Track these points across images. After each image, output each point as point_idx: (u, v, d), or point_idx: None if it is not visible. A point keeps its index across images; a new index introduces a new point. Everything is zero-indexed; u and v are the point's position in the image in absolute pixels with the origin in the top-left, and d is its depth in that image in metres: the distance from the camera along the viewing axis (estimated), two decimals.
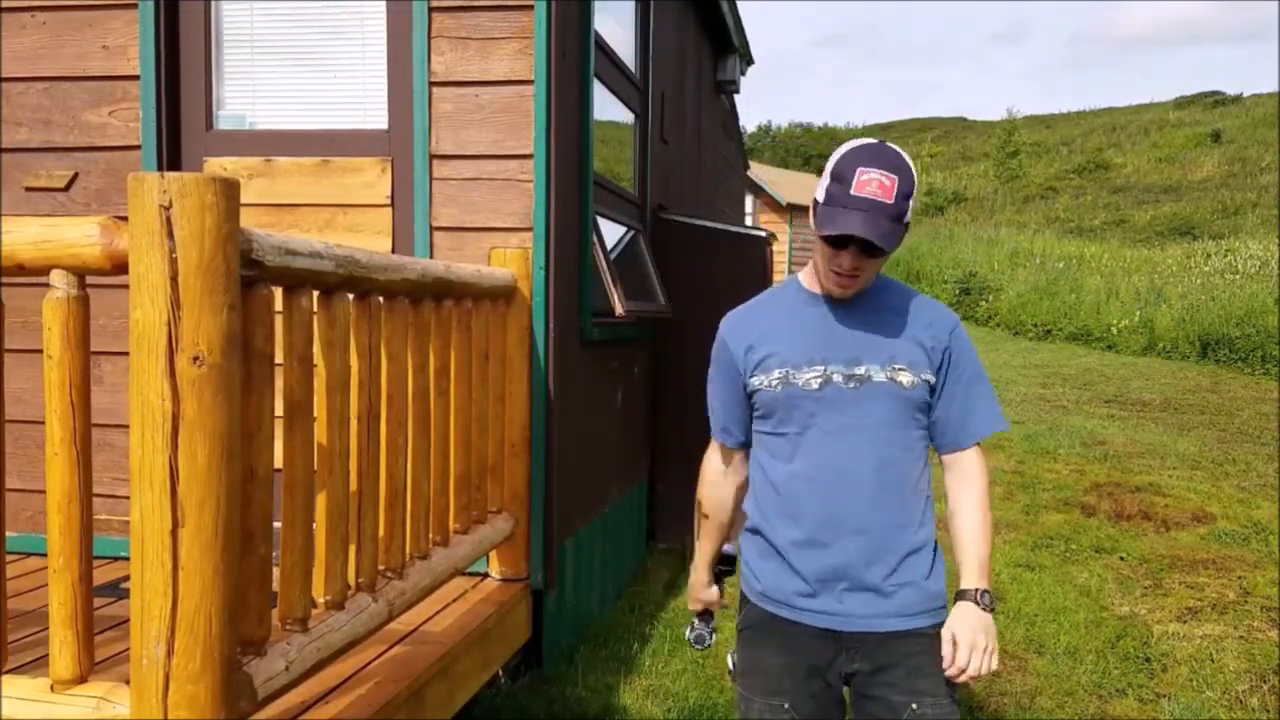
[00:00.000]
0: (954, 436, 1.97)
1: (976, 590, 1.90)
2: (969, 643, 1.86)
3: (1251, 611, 4.59)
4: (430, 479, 2.79)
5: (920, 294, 2.05)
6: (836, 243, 1.84)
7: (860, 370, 1.91)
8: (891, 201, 1.79)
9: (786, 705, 1.97)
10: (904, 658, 1.91)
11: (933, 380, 1.93)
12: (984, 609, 1.88)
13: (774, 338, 1.98)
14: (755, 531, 2.04)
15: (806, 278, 2.02)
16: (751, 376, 1.99)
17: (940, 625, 1.94)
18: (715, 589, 2.25)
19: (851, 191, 1.80)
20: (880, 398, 1.90)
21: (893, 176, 1.80)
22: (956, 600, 1.91)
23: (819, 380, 1.92)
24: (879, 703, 1.93)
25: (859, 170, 1.81)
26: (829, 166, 1.88)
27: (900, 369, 1.90)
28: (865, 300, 1.97)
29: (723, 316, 2.13)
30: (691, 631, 2.26)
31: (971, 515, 1.95)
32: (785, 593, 1.96)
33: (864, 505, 1.90)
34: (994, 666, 1.87)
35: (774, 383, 1.95)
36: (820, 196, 1.87)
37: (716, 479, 2.18)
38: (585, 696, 3.53)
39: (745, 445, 2.12)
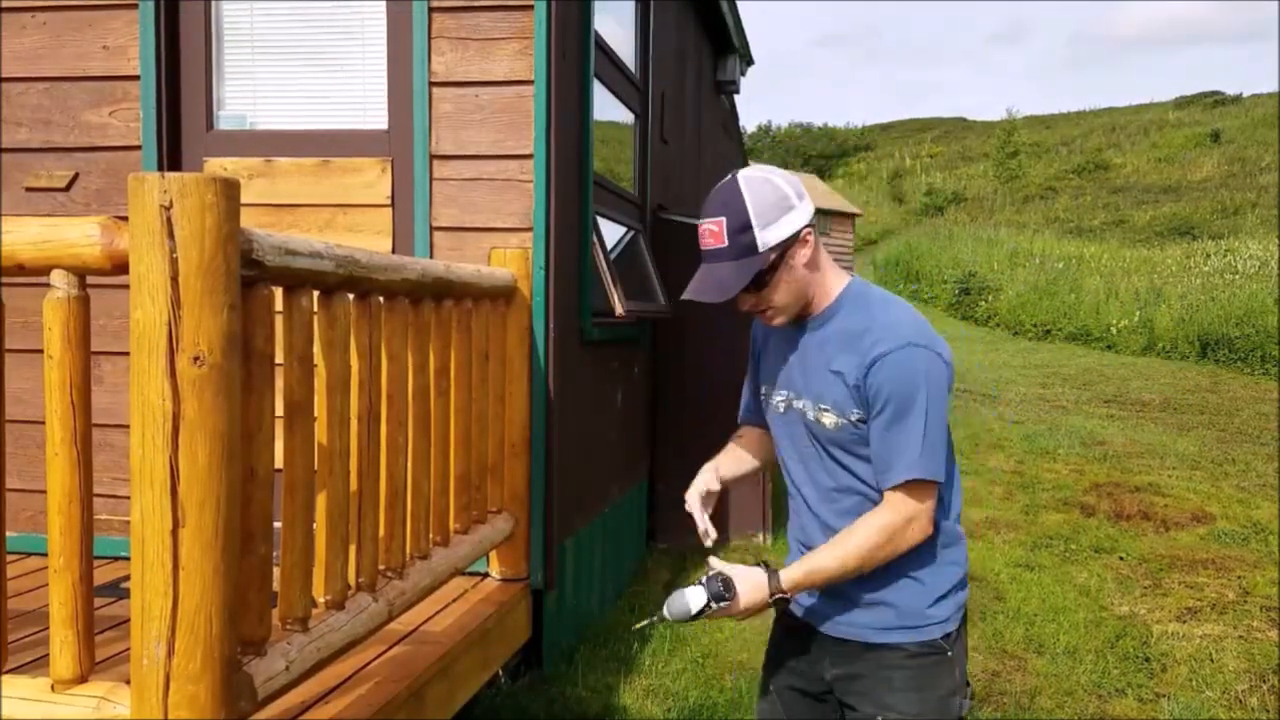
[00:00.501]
0: (877, 477, 1.85)
1: (781, 585, 1.81)
2: (736, 610, 1.82)
3: (1251, 611, 4.59)
4: (430, 479, 2.79)
5: (879, 311, 1.86)
6: None
7: (799, 404, 1.91)
8: (725, 244, 1.77)
9: (771, 688, 2.07)
10: (876, 669, 1.89)
11: (862, 417, 1.82)
12: (768, 596, 1.81)
13: (766, 352, 2.04)
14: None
15: None
16: (761, 383, 2.07)
17: (924, 643, 1.87)
18: (711, 482, 2.08)
19: (700, 247, 1.82)
20: (814, 434, 1.90)
21: (719, 219, 1.77)
22: (765, 570, 1.84)
23: (783, 405, 1.96)
24: (851, 711, 1.93)
25: (700, 225, 1.82)
26: None
27: (824, 409, 1.85)
28: (819, 324, 1.89)
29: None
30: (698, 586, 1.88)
31: (842, 534, 1.83)
32: None
33: (825, 528, 1.90)
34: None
35: (763, 397, 2.03)
36: None
37: (751, 429, 2.18)
38: (585, 696, 3.53)
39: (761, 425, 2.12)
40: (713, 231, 1.79)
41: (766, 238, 1.77)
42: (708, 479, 2.10)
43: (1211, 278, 17.33)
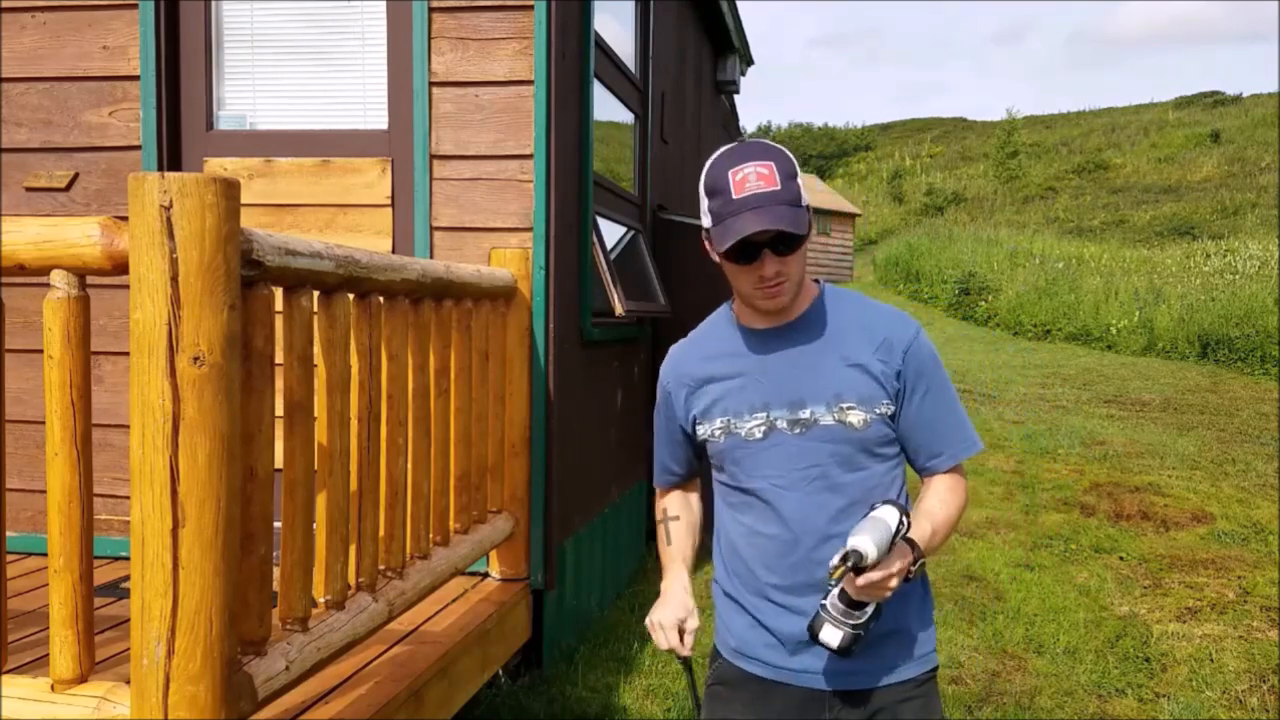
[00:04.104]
0: (926, 463, 1.78)
1: (920, 548, 1.65)
2: (898, 569, 1.59)
3: (1251, 611, 4.59)
4: (430, 479, 2.79)
5: (872, 303, 1.82)
6: (744, 254, 1.65)
7: (805, 414, 1.71)
8: (779, 187, 1.62)
9: None
10: (885, 708, 1.76)
11: (890, 410, 1.72)
12: (910, 561, 1.62)
13: (713, 381, 1.80)
14: (724, 587, 1.88)
15: (738, 309, 1.83)
16: (697, 425, 1.83)
17: (930, 671, 1.80)
18: (690, 602, 1.81)
19: (734, 196, 1.63)
20: (830, 442, 1.70)
21: (768, 163, 1.64)
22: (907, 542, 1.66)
23: (762, 428, 1.73)
24: None
25: (731, 173, 1.64)
26: (701, 190, 1.71)
27: (849, 407, 1.69)
28: (807, 325, 1.75)
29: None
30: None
31: (932, 501, 1.75)
32: (759, 649, 1.80)
33: (826, 561, 1.65)
34: (884, 595, 1.61)
35: (717, 433, 1.79)
36: (708, 221, 1.70)
37: (673, 495, 2.00)
38: (585, 696, 3.53)
39: (689, 477, 1.98)
40: (762, 174, 1.62)
41: (805, 196, 1.67)
42: (679, 612, 1.80)
43: (1211, 278, 17.33)
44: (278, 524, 2.02)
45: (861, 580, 1.55)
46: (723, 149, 1.71)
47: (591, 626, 4.25)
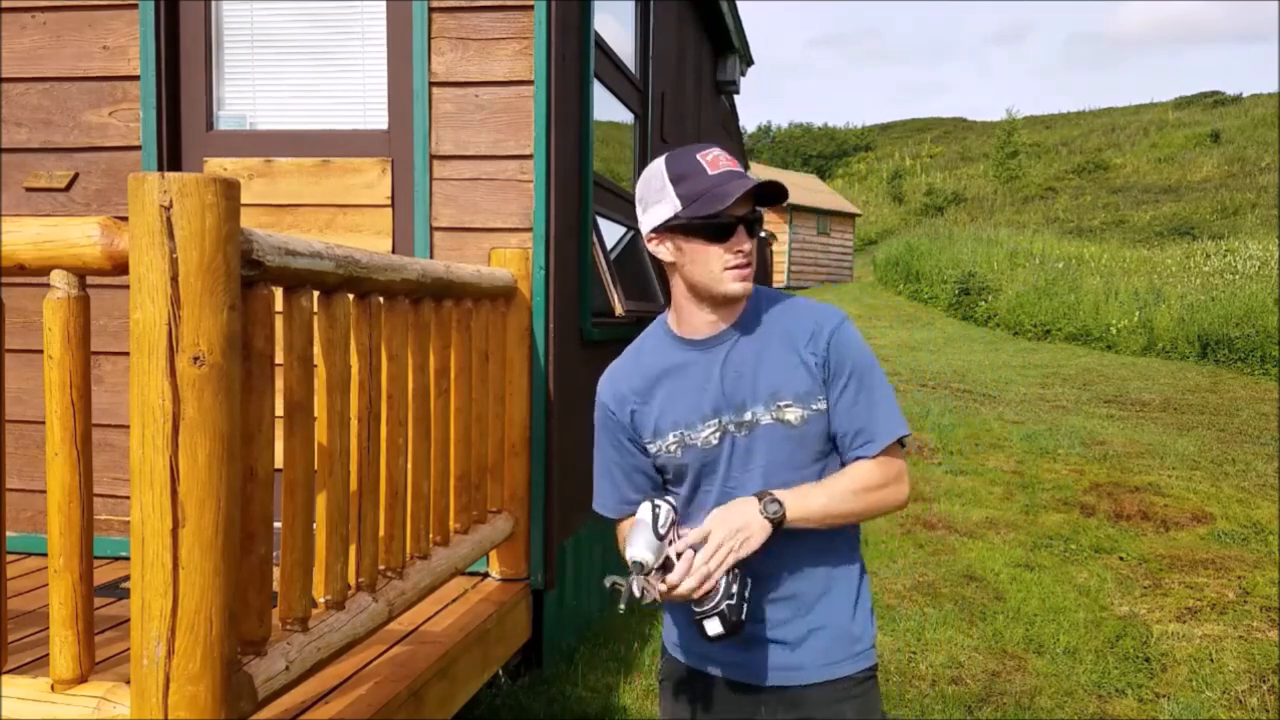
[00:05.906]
0: (855, 451, 1.75)
1: (769, 497, 1.65)
2: (719, 539, 1.61)
3: (1251, 611, 4.59)
4: (430, 479, 2.79)
5: (793, 300, 1.82)
6: (722, 229, 1.66)
7: (747, 416, 1.73)
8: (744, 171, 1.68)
9: None
10: (824, 707, 1.75)
11: (824, 405, 1.73)
12: (764, 514, 1.63)
13: (659, 397, 1.81)
14: None
15: (674, 322, 1.85)
16: (648, 444, 1.81)
17: (866, 670, 1.79)
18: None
19: (711, 172, 1.66)
20: (772, 441, 1.72)
21: (727, 153, 1.71)
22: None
23: (718, 435, 1.75)
24: None
25: (700, 155, 1.68)
26: (660, 183, 1.70)
27: (786, 405, 1.71)
28: (743, 328, 1.77)
29: None
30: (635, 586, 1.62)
31: (850, 469, 1.74)
32: (697, 643, 1.79)
33: (768, 557, 1.67)
34: (742, 554, 1.62)
35: (672, 447, 1.78)
36: (676, 206, 1.68)
37: None
38: (585, 696, 3.53)
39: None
40: (729, 159, 1.69)
41: None
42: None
43: (1211, 278, 17.34)
44: (278, 524, 2.02)
45: (682, 566, 1.60)
46: (673, 151, 1.73)
47: (591, 627, 4.25)
